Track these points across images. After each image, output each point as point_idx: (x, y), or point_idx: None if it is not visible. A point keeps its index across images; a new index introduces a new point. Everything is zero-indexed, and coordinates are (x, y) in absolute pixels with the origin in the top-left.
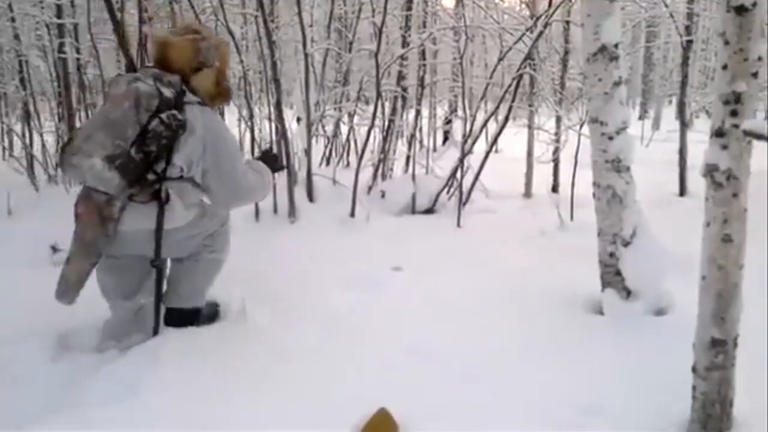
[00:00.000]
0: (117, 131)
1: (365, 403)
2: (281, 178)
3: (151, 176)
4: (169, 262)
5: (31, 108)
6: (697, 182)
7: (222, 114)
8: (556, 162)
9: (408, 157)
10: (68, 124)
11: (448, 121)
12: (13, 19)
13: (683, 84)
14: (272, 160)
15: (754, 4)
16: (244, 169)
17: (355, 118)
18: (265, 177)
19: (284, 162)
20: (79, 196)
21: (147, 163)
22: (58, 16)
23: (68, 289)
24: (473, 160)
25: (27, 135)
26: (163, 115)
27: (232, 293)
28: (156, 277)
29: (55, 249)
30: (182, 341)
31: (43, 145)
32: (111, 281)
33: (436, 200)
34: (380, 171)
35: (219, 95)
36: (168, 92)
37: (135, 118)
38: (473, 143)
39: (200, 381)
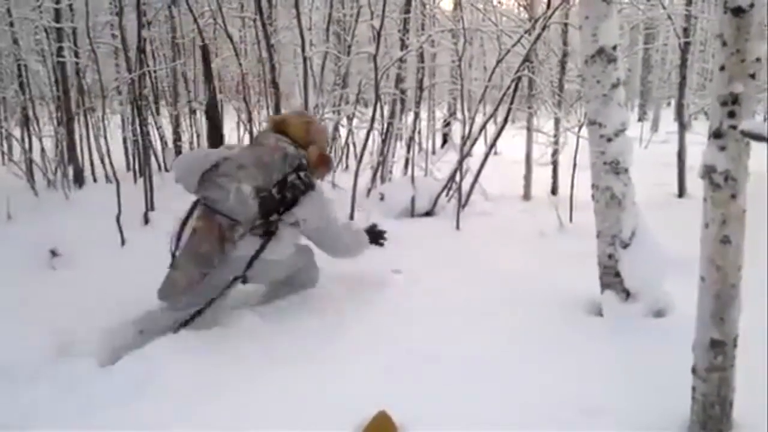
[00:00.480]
0: (267, 172)
1: (365, 405)
2: None
3: (274, 217)
4: None
5: (30, 112)
6: (696, 183)
7: (221, 119)
8: (555, 164)
9: (407, 160)
10: (67, 129)
11: (447, 124)
12: (11, 24)
13: (681, 86)
14: (376, 235)
15: (752, 5)
16: (342, 232)
17: (354, 121)
18: (361, 241)
19: (384, 241)
20: (197, 213)
21: (277, 205)
22: (57, 21)
23: (175, 293)
24: (472, 163)
25: (26, 140)
26: (302, 173)
27: (233, 297)
28: (224, 289)
29: (54, 253)
30: (184, 344)
31: (42, 150)
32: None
33: (435, 203)
34: (379, 174)
35: (323, 165)
36: (303, 158)
37: (280, 167)
38: (472, 145)
39: (201, 383)
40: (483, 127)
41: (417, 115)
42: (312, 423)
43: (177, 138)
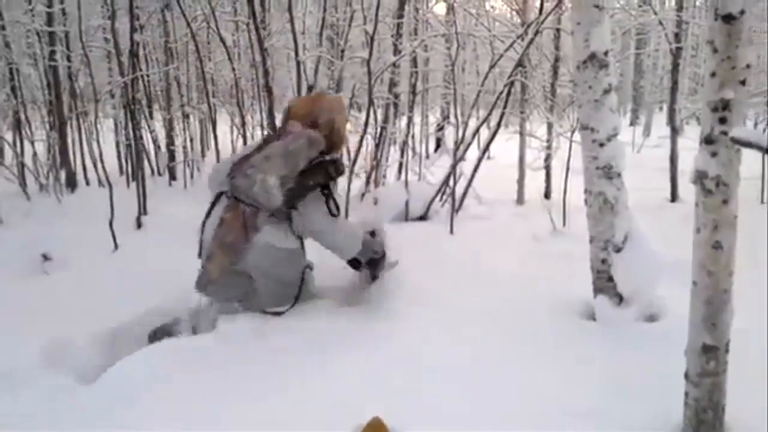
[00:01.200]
0: (292, 160)
1: (359, 411)
2: None
3: (298, 203)
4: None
5: (22, 116)
6: (688, 188)
7: (214, 123)
8: (548, 168)
9: (401, 164)
10: (59, 133)
11: (441, 128)
12: (3, 27)
13: (673, 90)
14: (375, 264)
15: (742, 12)
16: (339, 240)
17: (348, 125)
18: (354, 246)
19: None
20: (225, 204)
21: (304, 192)
22: (49, 24)
23: (210, 282)
24: (466, 167)
25: (18, 144)
26: (329, 157)
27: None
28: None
29: (46, 257)
30: (180, 346)
31: (35, 154)
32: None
33: (429, 207)
34: (373, 178)
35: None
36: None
37: (306, 153)
38: (465, 150)
39: (198, 385)
40: (476, 131)
41: (410, 120)
42: (309, 425)
43: (170, 142)
